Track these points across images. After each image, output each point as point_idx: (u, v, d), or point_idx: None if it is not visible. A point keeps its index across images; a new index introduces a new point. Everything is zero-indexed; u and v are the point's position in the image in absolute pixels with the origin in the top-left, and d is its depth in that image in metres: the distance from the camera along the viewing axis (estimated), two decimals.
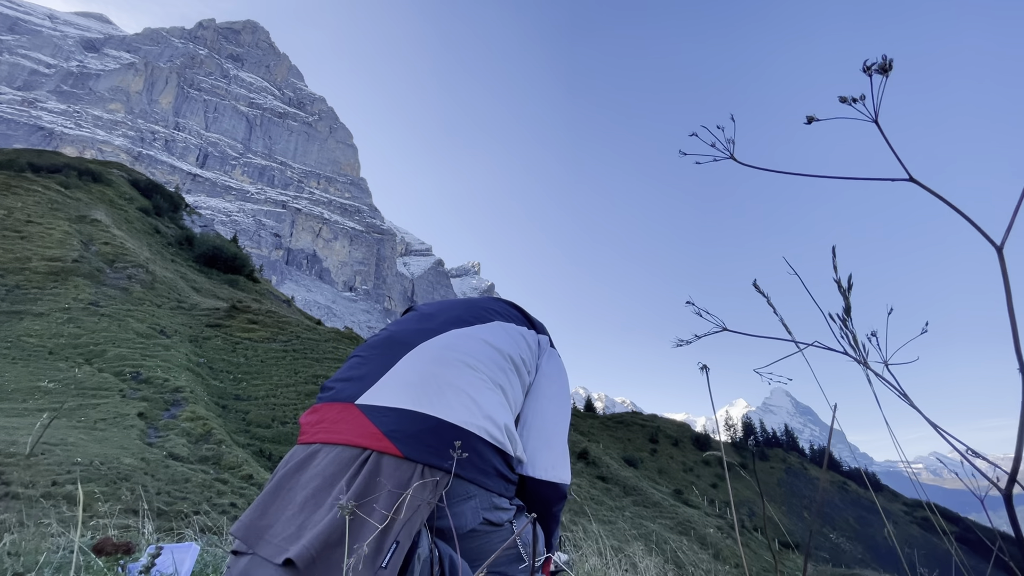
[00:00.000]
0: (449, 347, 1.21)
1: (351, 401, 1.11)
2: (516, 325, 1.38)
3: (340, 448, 1.03)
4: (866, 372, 0.57)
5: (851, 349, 0.58)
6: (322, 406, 1.16)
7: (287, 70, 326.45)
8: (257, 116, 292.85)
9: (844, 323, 0.57)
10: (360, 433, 1.04)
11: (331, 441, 1.05)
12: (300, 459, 1.06)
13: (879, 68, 0.47)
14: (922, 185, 0.51)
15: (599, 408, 77.61)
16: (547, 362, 1.36)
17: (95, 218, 27.14)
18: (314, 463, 1.03)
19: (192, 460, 10.07)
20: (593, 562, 2.19)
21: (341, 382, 1.19)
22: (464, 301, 1.43)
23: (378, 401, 1.09)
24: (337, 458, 1.02)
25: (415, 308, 1.46)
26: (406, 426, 1.04)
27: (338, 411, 1.11)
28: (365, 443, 1.02)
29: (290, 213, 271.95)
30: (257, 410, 15.36)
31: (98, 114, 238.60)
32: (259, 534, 0.95)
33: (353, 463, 1.00)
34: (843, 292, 0.57)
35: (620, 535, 11.72)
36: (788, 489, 59.94)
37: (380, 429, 1.04)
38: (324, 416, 1.12)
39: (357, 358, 1.24)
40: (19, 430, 8.61)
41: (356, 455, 1.01)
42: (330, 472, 1.00)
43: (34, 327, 15.59)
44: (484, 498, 1.05)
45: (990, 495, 0.59)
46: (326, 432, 1.08)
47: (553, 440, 1.25)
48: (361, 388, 1.13)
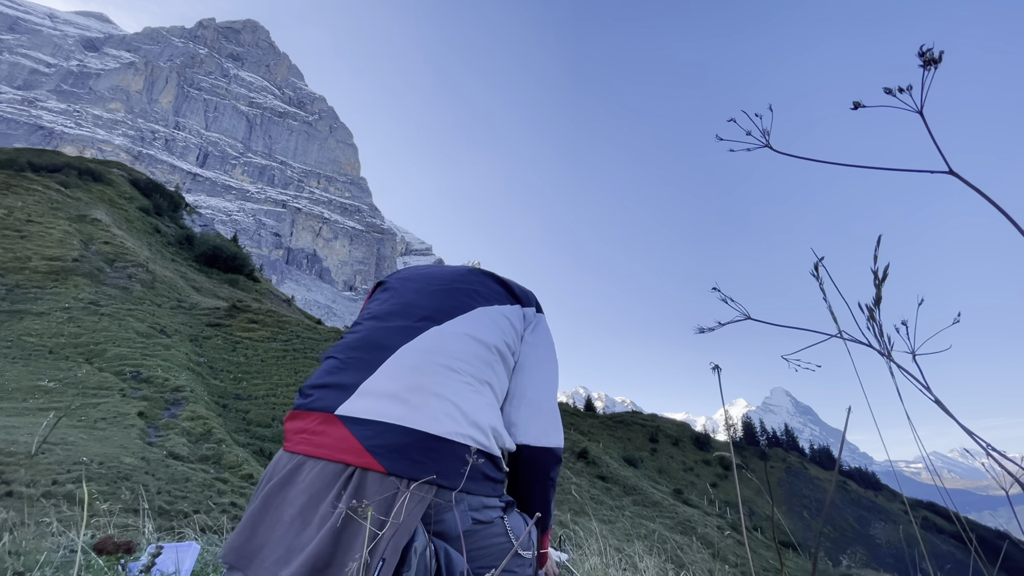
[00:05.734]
0: (430, 351, 1.16)
1: (331, 411, 1.08)
2: (499, 306, 1.32)
3: (324, 463, 1.01)
4: (889, 365, 0.57)
5: (876, 341, 0.57)
6: (303, 413, 1.12)
7: (287, 69, 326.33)
8: (257, 115, 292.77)
9: (872, 314, 0.57)
10: (343, 448, 1.02)
11: (315, 455, 1.03)
12: (285, 473, 1.04)
13: (929, 60, 0.47)
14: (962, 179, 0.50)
15: (599, 408, 77.61)
16: (532, 332, 1.33)
17: (95, 217, 27.13)
18: (300, 478, 1.02)
19: (192, 459, 10.07)
20: (593, 561, 2.19)
21: (319, 388, 1.15)
22: (444, 283, 1.33)
23: (359, 412, 1.06)
24: (322, 474, 1.00)
25: (387, 285, 1.37)
26: (389, 440, 1.02)
27: (319, 421, 1.08)
28: (348, 459, 1.00)
29: (290, 212, 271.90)
30: (257, 409, 15.37)
31: (98, 113, 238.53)
32: (250, 557, 0.95)
33: (338, 479, 0.99)
34: (876, 283, 0.57)
35: (620, 534, 11.73)
36: (788, 489, 59.99)
37: (363, 444, 1.01)
38: (306, 425, 1.09)
39: (333, 360, 1.19)
40: (19, 429, 8.62)
41: (340, 471, 1.00)
42: (316, 489, 0.98)
43: (34, 326, 15.59)
44: (472, 501, 1.04)
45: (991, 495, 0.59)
46: (309, 444, 1.05)
47: (543, 407, 1.25)
48: (341, 397, 1.09)
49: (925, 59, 0.47)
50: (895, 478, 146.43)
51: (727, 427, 1.23)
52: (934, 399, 0.55)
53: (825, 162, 0.61)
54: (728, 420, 1.19)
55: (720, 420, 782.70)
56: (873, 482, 78.02)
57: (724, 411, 0.81)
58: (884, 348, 0.56)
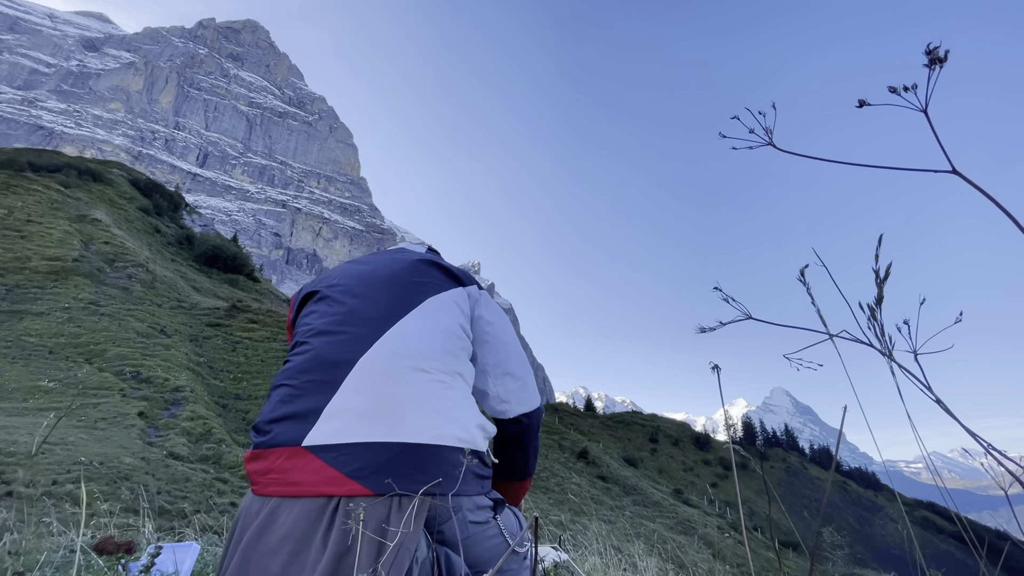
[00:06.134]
0: (394, 354, 1.06)
1: (298, 443, 0.97)
2: (445, 292, 1.26)
3: (303, 501, 0.91)
4: (890, 364, 0.56)
5: (877, 340, 0.57)
6: (265, 452, 1.00)
7: (287, 69, 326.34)
8: (257, 115, 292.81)
9: (873, 313, 0.57)
10: (320, 481, 0.92)
11: (291, 494, 0.93)
12: (260, 521, 0.93)
13: (935, 59, 0.46)
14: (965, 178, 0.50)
15: (599, 408, 77.60)
16: (484, 308, 1.30)
17: (95, 217, 27.14)
18: (278, 523, 0.91)
19: (192, 459, 10.08)
20: (593, 561, 2.20)
21: (277, 423, 1.02)
22: (385, 281, 1.22)
23: (329, 439, 0.96)
24: (303, 512, 0.90)
25: (321, 295, 1.22)
26: (370, 460, 0.93)
27: (286, 456, 0.96)
28: (330, 491, 0.91)
29: (290, 212, 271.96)
30: (257, 409, 15.37)
31: (98, 113, 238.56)
32: None
33: (323, 515, 0.90)
34: (878, 282, 0.57)
35: (620, 534, 11.73)
36: (788, 489, 60.00)
37: (341, 471, 0.92)
38: (272, 464, 0.98)
39: (286, 388, 1.06)
40: (19, 429, 8.62)
41: (323, 505, 0.90)
42: (301, 531, 0.89)
43: (34, 326, 15.60)
44: (466, 503, 1.00)
45: (991, 495, 0.59)
46: (281, 484, 0.95)
47: (527, 378, 1.25)
48: (304, 427, 0.98)
49: (931, 58, 0.46)
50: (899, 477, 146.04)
51: (727, 427, 1.23)
52: (935, 399, 0.55)
53: (828, 160, 0.61)
54: (728, 420, 1.18)
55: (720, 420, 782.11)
56: (873, 482, 78.03)
57: (724, 411, 0.81)
58: (885, 348, 0.56)
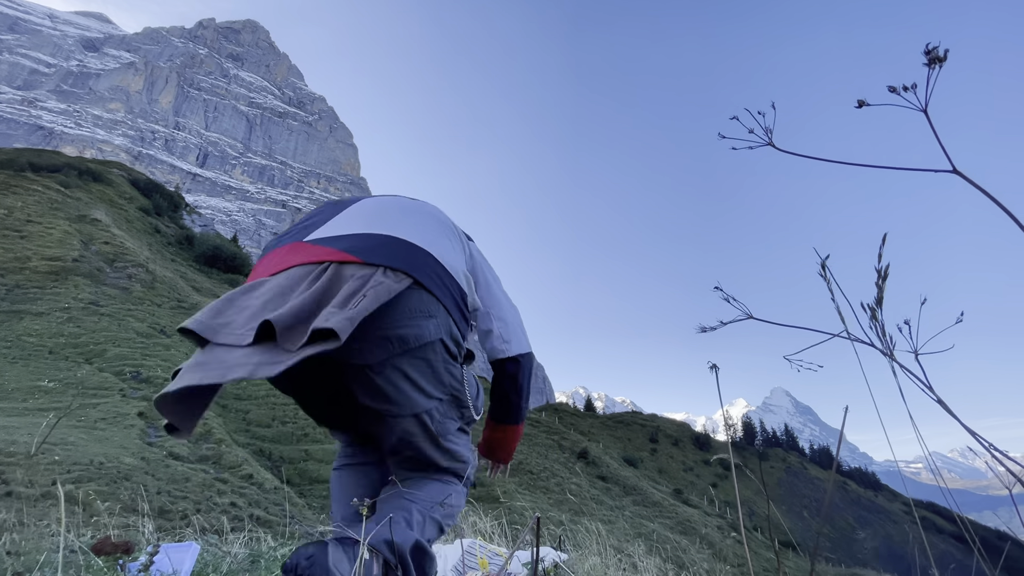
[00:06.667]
0: (394, 201, 1.22)
1: (299, 240, 1.07)
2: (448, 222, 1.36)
3: (296, 268, 0.98)
4: (891, 364, 0.56)
5: (878, 340, 0.57)
6: (268, 255, 1.09)
7: (287, 69, 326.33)
8: (257, 115, 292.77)
9: (874, 313, 0.57)
10: (314, 255, 1.00)
11: (283, 269, 0.99)
12: (250, 285, 0.98)
13: (934, 58, 0.46)
14: (966, 178, 0.50)
15: (599, 408, 77.62)
16: (476, 252, 1.35)
17: (95, 218, 27.13)
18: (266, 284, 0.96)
19: (192, 459, 10.07)
20: (593, 561, 2.20)
21: (286, 234, 1.14)
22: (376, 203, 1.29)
23: (329, 234, 1.07)
24: (292, 274, 0.97)
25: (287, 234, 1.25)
26: (364, 243, 1.02)
27: (288, 249, 1.05)
28: (322, 259, 0.98)
29: (290, 212, 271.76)
30: (257, 409, 15.38)
31: (98, 113, 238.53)
32: (216, 330, 0.87)
33: (311, 273, 0.96)
34: (878, 282, 0.56)
35: (620, 534, 11.73)
36: (788, 489, 59.97)
37: (335, 249, 1.01)
38: (273, 258, 1.06)
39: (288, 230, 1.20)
40: (19, 429, 8.61)
41: (311, 269, 0.97)
42: (286, 284, 0.94)
43: (34, 326, 15.59)
44: (443, 320, 1.03)
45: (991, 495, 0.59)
46: (277, 266, 1.01)
47: (511, 318, 1.31)
48: (309, 231, 1.10)
49: (930, 57, 0.46)
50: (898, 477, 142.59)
51: (727, 427, 1.23)
52: (936, 399, 0.55)
53: (827, 160, 0.60)
54: (728, 420, 1.18)
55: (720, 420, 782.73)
56: (873, 482, 77.99)
57: (723, 411, 0.81)
58: (886, 347, 0.56)
